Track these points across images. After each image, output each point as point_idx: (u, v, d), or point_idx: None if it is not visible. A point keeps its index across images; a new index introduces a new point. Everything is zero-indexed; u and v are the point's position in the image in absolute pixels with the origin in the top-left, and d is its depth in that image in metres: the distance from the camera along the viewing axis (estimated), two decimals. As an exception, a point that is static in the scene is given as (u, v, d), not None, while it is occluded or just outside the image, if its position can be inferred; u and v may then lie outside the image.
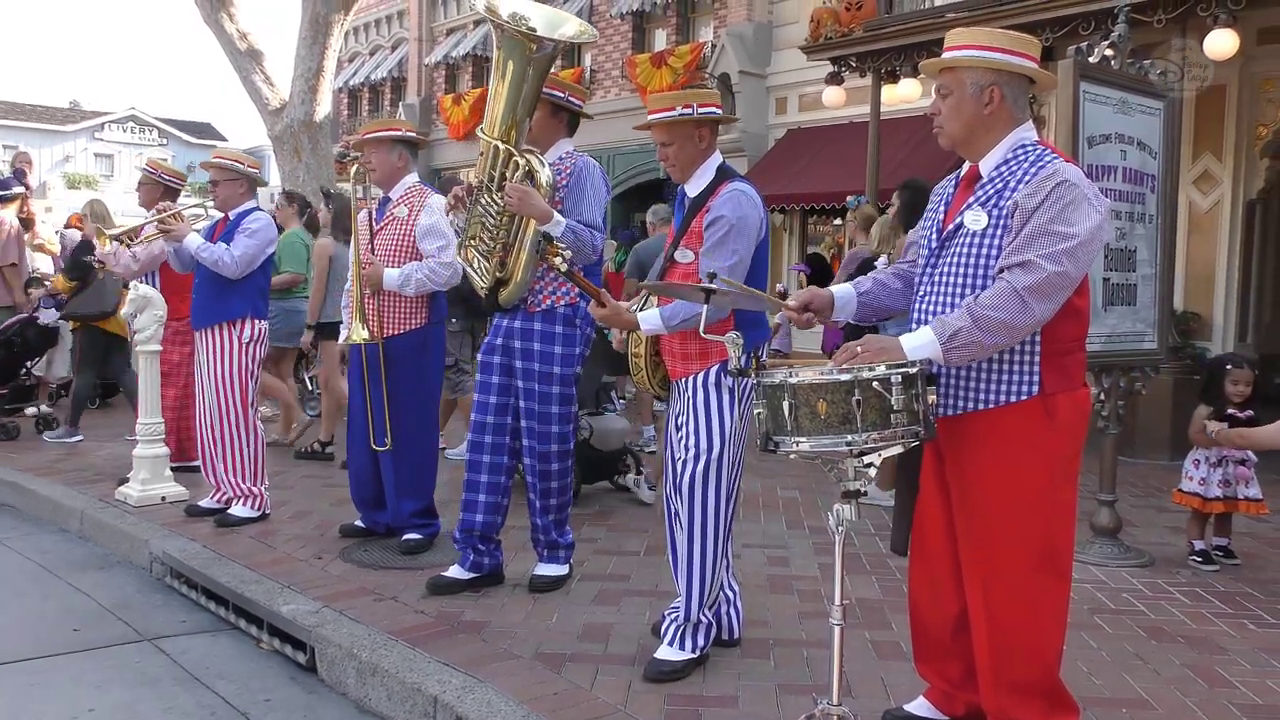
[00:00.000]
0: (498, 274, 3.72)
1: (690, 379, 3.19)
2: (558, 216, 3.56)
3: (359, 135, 4.62)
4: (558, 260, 3.02)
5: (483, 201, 3.69)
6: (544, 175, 3.58)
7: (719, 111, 3.24)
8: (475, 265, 3.81)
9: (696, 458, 3.13)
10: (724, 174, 3.24)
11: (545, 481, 3.88)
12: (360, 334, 4.33)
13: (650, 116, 3.22)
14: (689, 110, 3.18)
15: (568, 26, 3.66)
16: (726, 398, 3.15)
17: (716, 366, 3.14)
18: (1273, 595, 4.14)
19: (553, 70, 3.71)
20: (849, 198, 8.67)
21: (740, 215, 3.10)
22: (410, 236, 4.39)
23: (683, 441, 3.20)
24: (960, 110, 2.53)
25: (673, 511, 3.27)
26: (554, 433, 3.83)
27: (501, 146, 3.61)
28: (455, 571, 3.95)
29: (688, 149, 3.22)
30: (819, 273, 10.48)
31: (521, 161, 3.59)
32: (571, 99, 3.87)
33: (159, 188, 5.92)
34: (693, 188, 3.26)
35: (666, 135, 3.22)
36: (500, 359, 3.86)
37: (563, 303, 3.80)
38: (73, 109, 42.45)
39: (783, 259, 12.69)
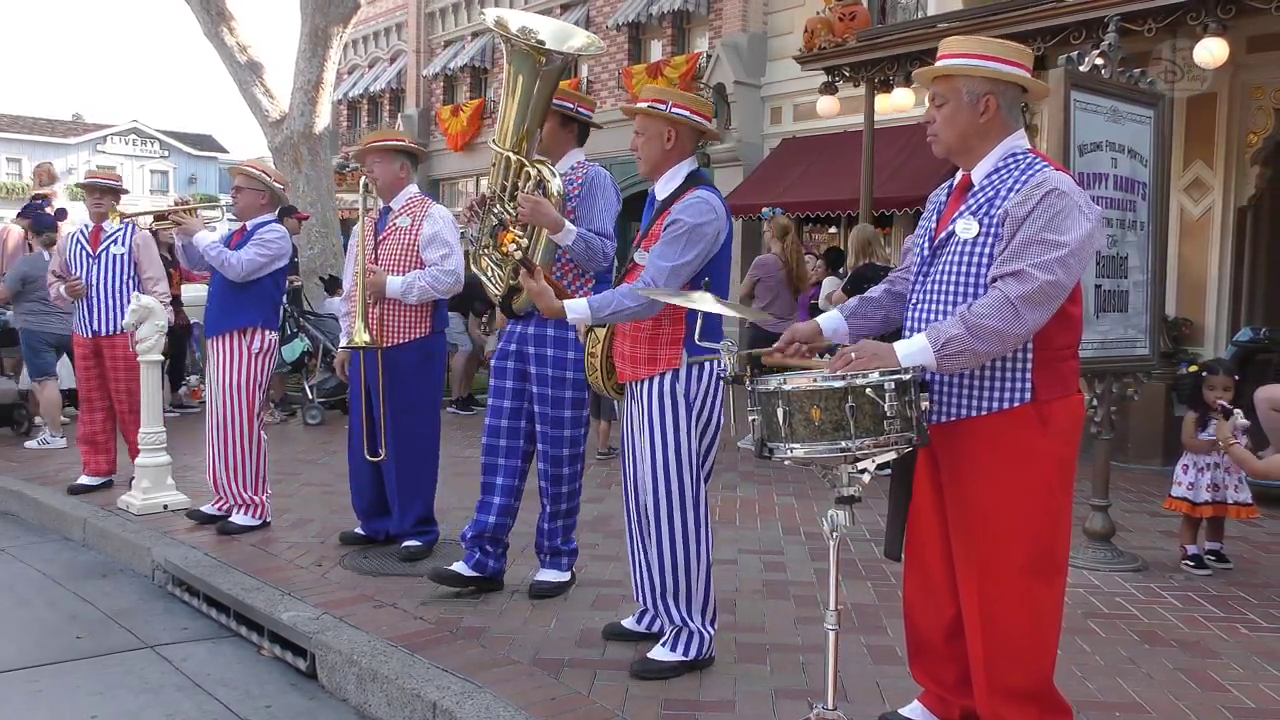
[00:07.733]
0: (510, 282, 3.77)
1: (640, 386, 3.21)
2: (569, 225, 3.62)
3: (362, 144, 4.68)
4: (511, 247, 3.05)
5: (495, 211, 3.78)
6: (554, 185, 3.63)
7: (691, 115, 3.21)
8: (489, 274, 3.90)
9: (653, 471, 3.16)
10: (693, 180, 3.25)
11: (557, 486, 3.96)
12: (362, 336, 4.36)
13: (635, 104, 3.29)
14: (661, 105, 3.21)
15: (576, 39, 3.73)
16: (683, 407, 3.15)
17: (669, 374, 3.15)
18: (1265, 599, 4.17)
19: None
20: (764, 209, 8.91)
21: (698, 222, 3.11)
22: (414, 246, 4.44)
23: (634, 454, 3.25)
24: (955, 119, 2.55)
25: (628, 512, 3.37)
26: (566, 436, 3.91)
27: (513, 157, 3.66)
28: (459, 567, 3.99)
29: (654, 146, 3.24)
30: (833, 261, 10.80)
31: (533, 171, 3.65)
32: (580, 109, 3.94)
33: (97, 191, 5.89)
34: (661, 190, 3.29)
35: (640, 125, 3.27)
36: (514, 364, 3.94)
37: None
38: (75, 122, 42.51)
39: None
